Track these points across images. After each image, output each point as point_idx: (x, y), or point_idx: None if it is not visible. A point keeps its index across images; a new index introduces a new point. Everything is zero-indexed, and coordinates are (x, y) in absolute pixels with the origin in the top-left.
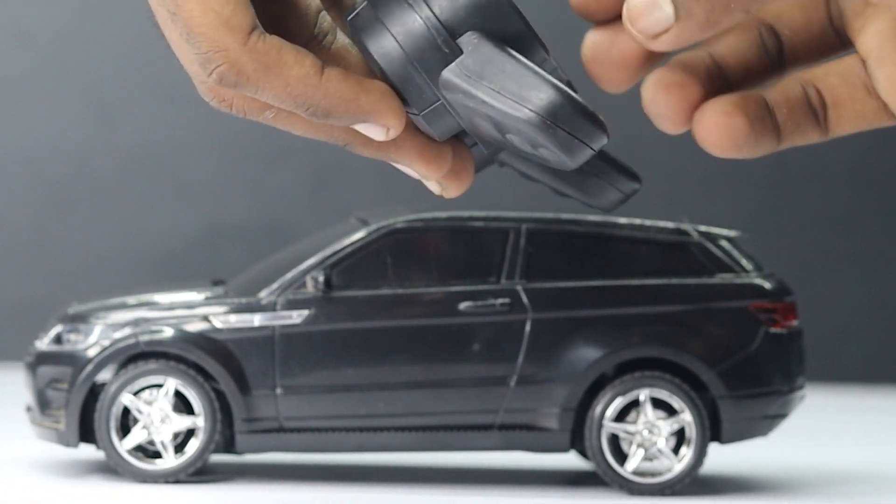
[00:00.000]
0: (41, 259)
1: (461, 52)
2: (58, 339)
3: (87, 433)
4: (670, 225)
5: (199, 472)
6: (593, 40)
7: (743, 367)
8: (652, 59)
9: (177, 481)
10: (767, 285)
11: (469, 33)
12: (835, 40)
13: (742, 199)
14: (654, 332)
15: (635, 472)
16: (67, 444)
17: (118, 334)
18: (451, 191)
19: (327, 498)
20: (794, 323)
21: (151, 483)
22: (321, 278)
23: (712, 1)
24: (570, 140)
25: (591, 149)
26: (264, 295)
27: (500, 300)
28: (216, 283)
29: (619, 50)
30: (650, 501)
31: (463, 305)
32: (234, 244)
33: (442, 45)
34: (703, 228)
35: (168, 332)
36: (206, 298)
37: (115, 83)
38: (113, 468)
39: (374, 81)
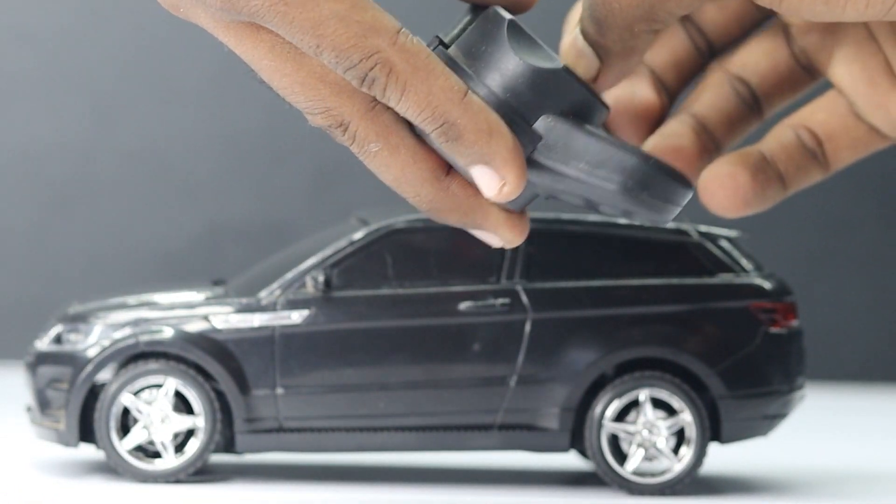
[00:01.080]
0: (41, 259)
1: (540, 138)
2: (58, 339)
3: (87, 433)
4: (670, 225)
5: (199, 472)
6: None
7: (743, 366)
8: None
9: (177, 481)
10: (767, 285)
11: (543, 117)
12: (804, 76)
13: None
14: (654, 332)
15: (635, 472)
16: (67, 444)
17: (118, 334)
18: (515, 244)
19: (327, 498)
20: (794, 323)
21: (151, 483)
22: (321, 278)
23: (618, 33)
24: (659, 203)
25: (679, 205)
26: (264, 295)
27: (500, 300)
28: (216, 283)
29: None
30: (650, 501)
31: (463, 305)
32: (235, 244)
33: (519, 133)
34: (703, 228)
35: (168, 332)
36: (206, 298)
37: (116, 83)
38: (113, 468)
39: (511, 131)
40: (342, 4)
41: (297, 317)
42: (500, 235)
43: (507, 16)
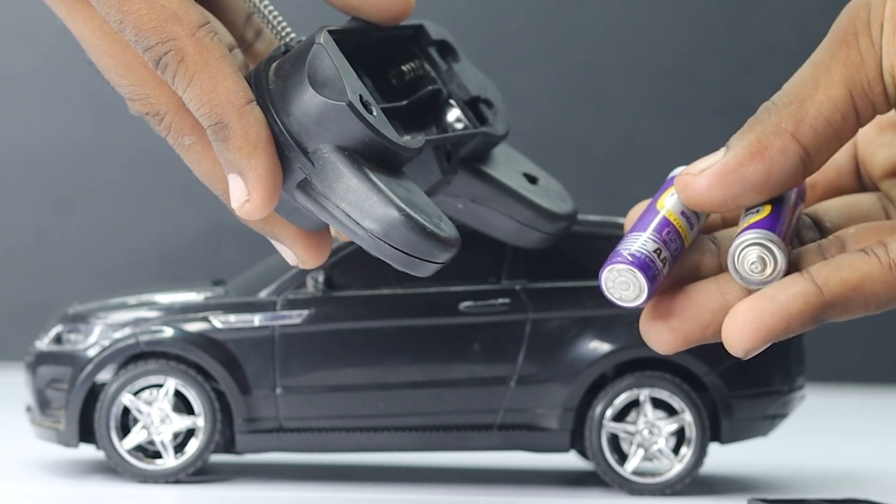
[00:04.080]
0: (41, 259)
1: (312, 167)
2: (58, 339)
3: (87, 433)
4: None
5: (199, 472)
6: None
7: (743, 366)
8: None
9: (177, 481)
10: None
11: (321, 146)
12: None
13: None
14: None
15: (635, 472)
16: (67, 444)
17: (118, 334)
18: (309, 265)
19: (327, 498)
20: None
21: (151, 483)
22: (321, 278)
23: (762, 124)
24: (408, 258)
25: (435, 263)
26: (264, 295)
27: (501, 300)
28: (216, 283)
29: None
30: (650, 501)
31: (463, 305)
32: (234, 244)
33: (294, 158)
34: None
35: (168, 332)
36: (206, 298)
37: None
38: (113, 468)
39: (275, 154)
40: None
41: (296, 317)
42: (296, 253)
43: (321, 39)
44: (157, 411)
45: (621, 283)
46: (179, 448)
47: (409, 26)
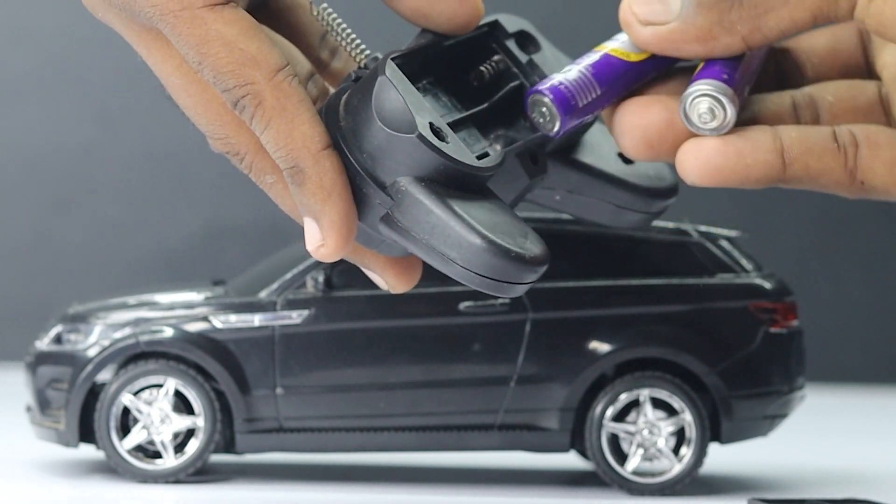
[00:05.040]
0: (41, 259)
1: (391, 201)
2: (58, 339)
3: (87, 433)
4: (670, 225)
5: (199, 472)
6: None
7: (743, 367)
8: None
9: (177, 481)
10: (767, 285)
11: (399, 180)
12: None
13: (742, 199)
14: (654, 332)
15: (635, 472)
16: (67, 444)
17: (118, 334)
18: (399, 290)
19: (327, 498)
20: (794, 323)
21: (151, 483)
22: (321, 278)
23: (720, 16)
24: (496, 284)
25: (523, 284)
26: (264, 295)
27: (501, 300)
28: (216, 283)
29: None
30: (650, 501)
31: (463, 305)
32: (234, 244)
33: (373, 195)
34: (703, 228)
35: (168, 332)
36: (206, 298)
37: (116, 84)
38: (113, 468)
39: (350, 200)
40: (231, 29)
41: (296, 317)
42: (386, 280)
43: (388, 70)
44: (157, 411)
45: (540, 112)
46: (179, 448)
47: (482, 24)
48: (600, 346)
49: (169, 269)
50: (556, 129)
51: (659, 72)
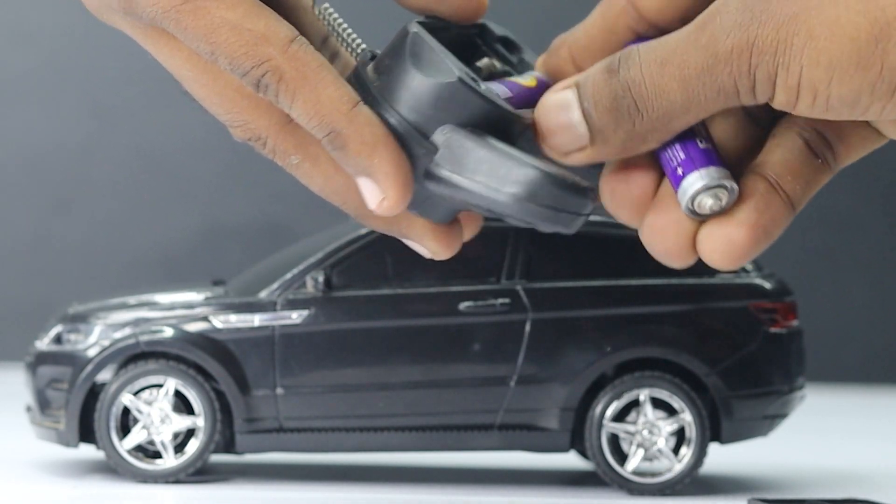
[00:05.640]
0: (41, 259)
1: (436, 150)
2: (58, 339)
3: (87, 433)
4: None
5: (199, 472)
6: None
7: (743, 367)
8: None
9: (177, 481)
10: (767, 285)
11: (441, 128)
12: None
13: None
14: (654, 332)
15: (635, 472)
16: (67, 444)
17: (118, 334)
18: (442, 256)
19: (327, 498)
20: (794, 323)
21: (151, 483)
22: (321, 278)
23: (629, 132)
24: (556, 214)
25: (580, 216)
26: (264, 295)
27: (500, 300)
28: (216, 283)
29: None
30: (650, 501)
31: (463, 305)
32: (234, 244)
33: (416, 147)
34: None
35: (168, 332)
36: (206, 298)
37: (116, 84)
38: (113, 468)
39: (398, 147)
40: (234, 12)
41: (296, 317)
42: (427, 246)
43: (414, 28)
44: (157, 411)
45: None
46: (179, 448)
47: (472, 25)
48: (600, 346)
49: (169, 269)
50: None
51: None
